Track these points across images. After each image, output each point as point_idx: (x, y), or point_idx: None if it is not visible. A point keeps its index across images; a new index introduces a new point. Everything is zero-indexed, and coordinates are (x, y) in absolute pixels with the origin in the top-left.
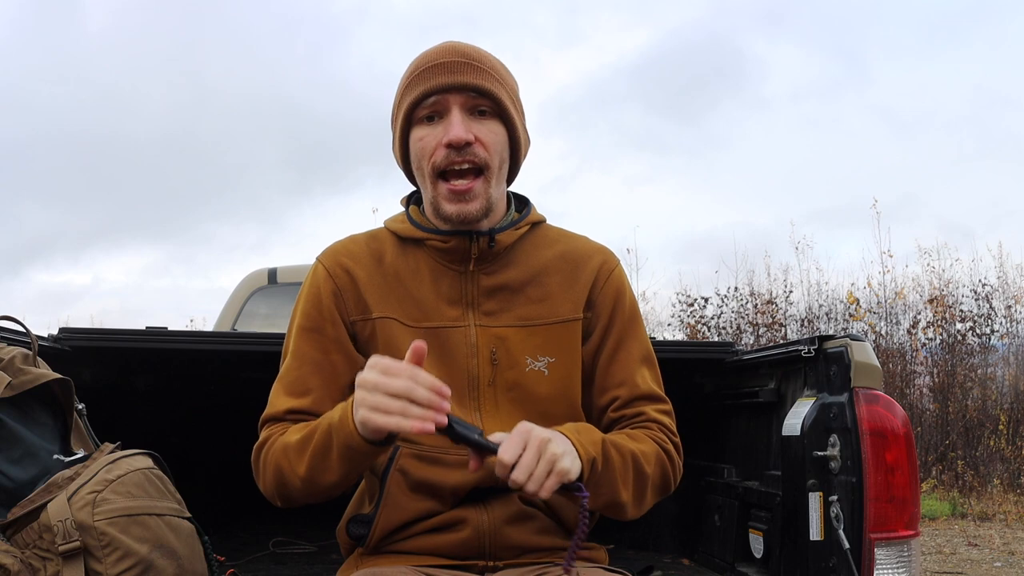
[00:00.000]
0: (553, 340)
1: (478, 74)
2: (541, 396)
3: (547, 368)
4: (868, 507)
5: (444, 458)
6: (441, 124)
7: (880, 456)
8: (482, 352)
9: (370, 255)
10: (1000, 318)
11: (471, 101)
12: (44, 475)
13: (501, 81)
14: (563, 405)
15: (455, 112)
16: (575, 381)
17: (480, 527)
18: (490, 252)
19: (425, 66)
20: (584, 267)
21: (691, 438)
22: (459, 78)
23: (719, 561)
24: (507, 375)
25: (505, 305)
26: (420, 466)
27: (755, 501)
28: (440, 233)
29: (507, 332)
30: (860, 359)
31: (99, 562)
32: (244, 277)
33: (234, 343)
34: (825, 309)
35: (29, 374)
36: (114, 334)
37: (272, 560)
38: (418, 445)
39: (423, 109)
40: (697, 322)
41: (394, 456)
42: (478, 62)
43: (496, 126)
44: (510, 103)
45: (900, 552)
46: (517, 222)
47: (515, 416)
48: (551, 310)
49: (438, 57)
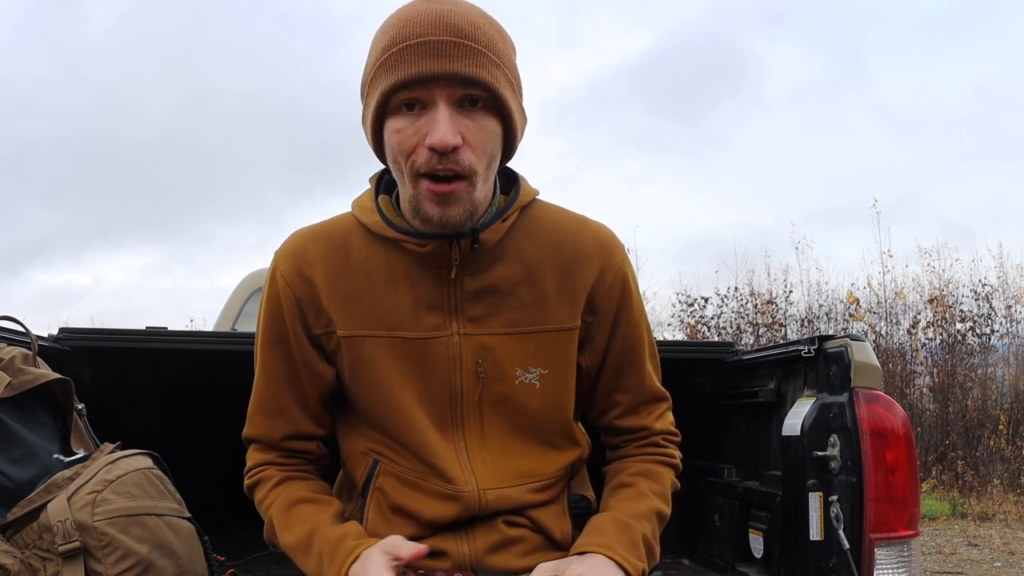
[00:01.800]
0: (546, 349)
1: (473, 58)
2: (531, 410)
3: (539, 380)
4: (868, 507)
5: (421, 484)
6: (423, 117)
7: (880, 456)
8: (466, 365)
9: (333, 253)
10: (1000, 318)
11: (461, 92)
12: (44, 475)
13: (499, 60)
14: (554, 417)
15: (441, 109)
16: (568, 394)
17: (461, 560)
18: (473, 253)
19: (407, 42)
20: (585, 264)
21: (691, 438)
22: (449, 65)
23: (719, 561)
24: (494, 388)
25: (493, 309)
26: (398, 488)
27: (755, 501)
28: (416, 235)
29: (495, 341)
30: (860, 359)
31: (99, 562)
32: (244, 277)
33: (234, 343)
34: (825, 309)
35: (29, 374)
36: (114, 334)
37: (272, 560)
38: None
39: (402, 96)
40: (697, 322)
41: (373, 472)
42: (471, 39)
43: (489, 121)
44: (508, 88)
45: (900, 552)
46: (504, 211)
47: (501, 433)
48: (546, 315)
49: (423, 31)
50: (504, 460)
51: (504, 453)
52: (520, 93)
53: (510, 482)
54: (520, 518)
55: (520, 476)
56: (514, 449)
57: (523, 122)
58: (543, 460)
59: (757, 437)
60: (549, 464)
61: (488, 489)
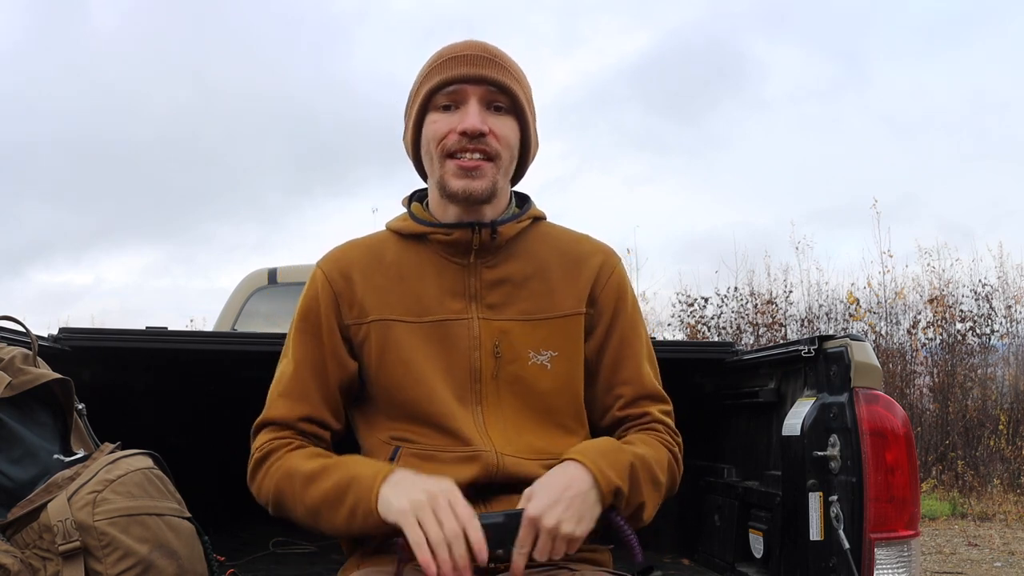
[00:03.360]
0: (556, 334)
1: (499, 70)
2: (543, 390)
3: (550, 362)
4: (868, 507)
5: (440, 455)
6: (457, 113)
7: (880, 456)
8: (485, 345)
9: (370, 257)
10: (1000, 318)
11: (489, 95)
12: (44, 475)
13: (519, 81)
14: (566, 398)
15: (473, 103)
16: (578, 375)
17: None
18: (492, 244)
19: (447, 56)
20: (586, 264)
21: (691, 438)
22: (480, 71)
23: (719, 561)
24: (509, 368)
25: (508, 299)
26: (419, 465)
27: (755, 501)
28: (442, 226)
29: (510, 325)
30: (860, 359)
31: (99, 562)
32: (244, 277)
33: (234, 343)
34: (825, 309)
35: (29, 374)
36: (114, 334)
37: (272, 560)
38: (416, 445)
39: (441, 97)
40: (697, 322)
41: (394, 458)
42: (499, 59)
43: (511, 122)
44: (526, 103)
45: (900, 552)
46: (519, 215)
47: (516, 411)
48: (554, 304)
49: (461, 50)
50: (518, 435)
51: (519, 430)
52: (535, 120)
53: (523, 453)
54: None
55: (534, 452)
56: (528, 427)
57: (536, 145)
58: (555, 440)
59: (757, 437)
60: (560, 444)
61: (505, 454)
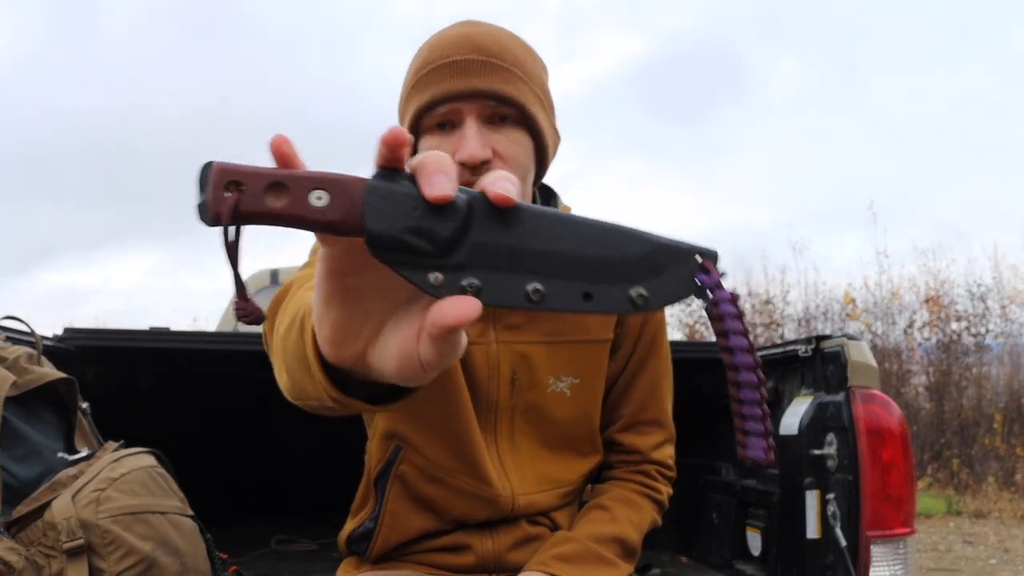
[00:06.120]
0: (579, 359)
1: (498, 76)
2: (560, 419)
3: (569, 389)
4: (865, 505)
5: (449, 480)
6: (455, 134)
7: (876, 454)
8: (503, 373)
9: None
10: (995, 318)
11: (489, 110)
12: (48, 473)
13: (526, 77)
14: (583, 428)
15: (469, 124)
16: (597, 403)
17: (484, 555)
18: None
19: (435, 64)
20: None
21: (690, 438)
22: (475, 83)
23: (717, 559)
24: (527, 396)
25: (530, 317)
26: (423, 481)
27: (753, 499)
28: None
29: (531, 349)
30: (857, 358)
31: (103, 559)
32: (247, 278)
33: (236, 343)
34: (822, 309)
35: (33, 373)
36: (118, 334)
37: (274, 558)
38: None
39: (432, 117)
40: (696, 322)
41: (393, 460)
42: (498, 58)
43: (519, 135)
44: (537, 104)
45: (896, 550)
46: None
47: (529, 440)
48: (580, 325)
49: (450, 52)
50: (531, 466)
51: (532, 459)
52: (551, 111)
53: (538, 488)
54: (541, 517)
55: (547, 482)
56: (541, 456)
57: (555, 140)
58: (569, 467)
59: None
60: (574, 471)
61: (520, 495)
